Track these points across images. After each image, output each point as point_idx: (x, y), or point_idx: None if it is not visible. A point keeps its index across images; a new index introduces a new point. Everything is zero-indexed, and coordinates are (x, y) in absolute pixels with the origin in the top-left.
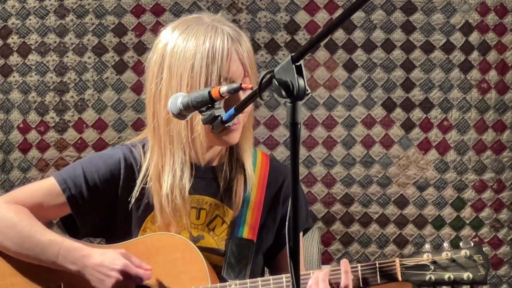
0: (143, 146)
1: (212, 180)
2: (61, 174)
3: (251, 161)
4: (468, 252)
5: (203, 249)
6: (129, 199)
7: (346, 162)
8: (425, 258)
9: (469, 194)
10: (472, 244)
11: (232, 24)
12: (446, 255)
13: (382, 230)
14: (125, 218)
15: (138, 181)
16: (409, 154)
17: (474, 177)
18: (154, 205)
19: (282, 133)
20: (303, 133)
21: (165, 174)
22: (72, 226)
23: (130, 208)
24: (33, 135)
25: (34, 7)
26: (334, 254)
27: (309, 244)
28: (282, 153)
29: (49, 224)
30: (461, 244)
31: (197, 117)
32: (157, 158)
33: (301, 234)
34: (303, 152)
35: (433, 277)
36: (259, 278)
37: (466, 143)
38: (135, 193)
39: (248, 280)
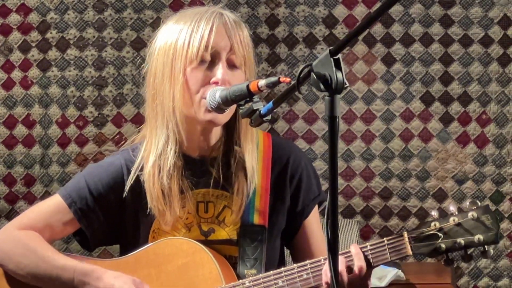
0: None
1: (210, 172)
2: (65, 189)
3: (254, 158)
4: (475, 214)
5: (215, 242)
6: (140, 203)
7: (385, 156)
8: (433, 227)
9: (508, 187)
10: (479, 203)
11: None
12: (453, 220)
13: None
14: (134, 222)
15: (132, 170)
16: (448, 148)
17: None
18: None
19: (320, 127)
20: (342, 127)
21: (151, 155)
22: (84, 239)
23: (139, 205)
24: (72, 130)
25: (73, 1)
26: None
27: (348, 237)
28: (320, 147)
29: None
30: (467, 204)
31: (178, 85)
32: (147, 140)
33: (315, 207)
34: (341, 146)
35: (443, 246)
36: (271, 272)
37: (505, 137)
38: (131, 179)
39: (260, 275)
